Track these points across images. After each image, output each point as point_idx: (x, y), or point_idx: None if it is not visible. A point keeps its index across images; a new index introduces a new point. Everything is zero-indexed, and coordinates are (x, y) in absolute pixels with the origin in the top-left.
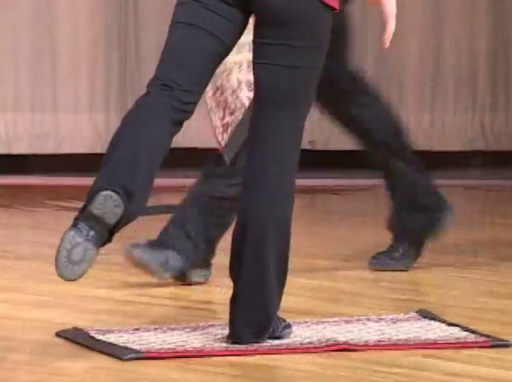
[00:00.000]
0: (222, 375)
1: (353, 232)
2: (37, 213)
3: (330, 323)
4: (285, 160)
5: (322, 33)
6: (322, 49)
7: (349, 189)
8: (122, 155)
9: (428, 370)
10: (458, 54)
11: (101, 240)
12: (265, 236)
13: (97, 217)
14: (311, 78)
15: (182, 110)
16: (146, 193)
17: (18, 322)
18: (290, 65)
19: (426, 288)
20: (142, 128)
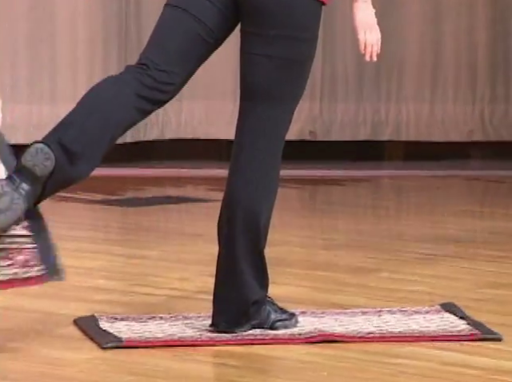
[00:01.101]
0: (222, 365)
1: (353, 222)
2: None
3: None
4: (262, 152)
5: (304, 25)
6: (303, 41)
7: (349, 179)
8: (72, 118)
9: (426, 360)
10: (458, 45)
11: (32, 193)
12: (233, 225)
13: (27, 169)
14: (291, 70)
15: (157, 89)
16: (91, 158)
17: (17, 313)
18: (264, 54)
19: (426, 278)
20: (100, 96)
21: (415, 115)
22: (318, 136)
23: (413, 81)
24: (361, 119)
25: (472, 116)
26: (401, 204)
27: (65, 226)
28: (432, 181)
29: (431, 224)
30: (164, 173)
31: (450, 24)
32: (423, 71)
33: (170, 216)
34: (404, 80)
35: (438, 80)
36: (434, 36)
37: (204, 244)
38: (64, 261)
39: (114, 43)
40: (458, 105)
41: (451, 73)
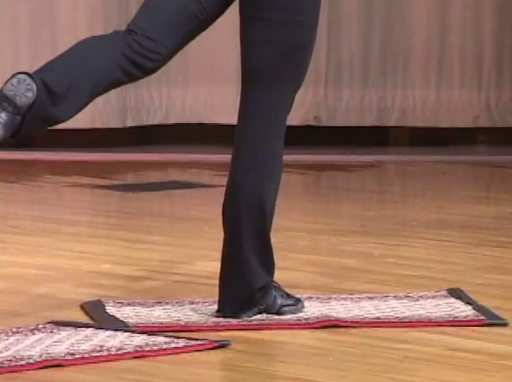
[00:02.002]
0: (228, 351)
1: (358, 208)
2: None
3: (348, 299)
4: (264, 137)
5: (304, 9)
6: (304, 25)
7: (354, 165)
8: (57, 62)
9: (432, 346)
10: (465, 31)
11: (11, 122)
12: (238, 211)
13: (8, 98)
14: (291, 55)
15: (143, 55)
16: (72, 102)
17: (22, 297)
18: (264, 38)
19: (431, 264)
20: (88, 47)
21: (421, 101)
22: (323, 121)
23: (419, 66)
24: (366, 105)
25: (478, 102)
26: (406, 189)
27: (69, 211)
28: (438, 166)
29: (437, 210)
30: (168, 158)
31: (456, 10)
32: (429, 57)
33: (175, 202)
34: (410, 66)
35: (444, 66)
36: (440, 22)
37: (209, 230)
38: (70, 246)
39: (115, 22)
40: (463, 90)
41: (457, 59)
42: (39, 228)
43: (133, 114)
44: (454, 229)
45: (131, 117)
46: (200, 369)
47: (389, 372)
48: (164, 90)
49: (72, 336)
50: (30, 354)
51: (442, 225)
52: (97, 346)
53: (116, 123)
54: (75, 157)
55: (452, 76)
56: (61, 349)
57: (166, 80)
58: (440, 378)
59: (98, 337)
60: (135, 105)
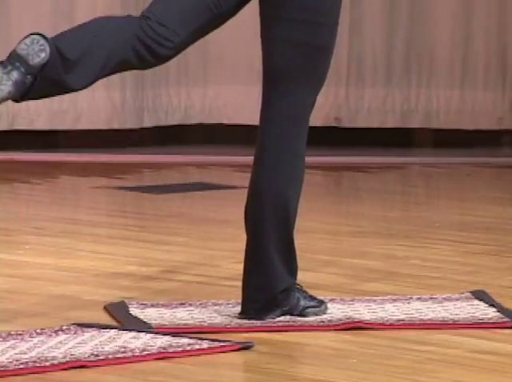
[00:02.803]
0: (251, 352)
1: (380, 209)
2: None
3: (371, 301)
4: (286, 138)
5: (325, 9)
6: (325, 25)
7: (376, 166)
8: (72, 32)
9: (456, 348)
10: (489, 32)
11: (22, 81)
12: (262, 212)
13: (21, 57)
14: (312, 55)
15: (155, 40)
16: (82, 73)
17: (45, 298)
18: (285, 38)
19: (455, 265)
20: (103, 23)
21: (445, 102)
22: (344, 122)
23: (443, 67)
24: (389, 106)
25: (502, 103)
26: (430, 191)
27: (89, 212)
28: (462, 168)
29: (461, 211)
30: (187, 159)
31: (481, 11)
32: (454, 57)
33: (195, 203)
34: (434, 67)
35: (469, 67)
36: (465, 22)
37: (232, 231)
38: (93, 248)
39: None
40: (488, 92)
41: (481, 60)
42: (61, 230)
43: (150, 115)
44: (477, 231)
45: (148, 117)
46: (223, 371)
47: (411, 374)
48: (183, 90)
49: (96, 338)
50: (53, 355)
51: (465, 227)
52: (120, 347)
53: (133, 124)
54: (93, 158)
55: (476, 77)
56: (84, 350)
57: (185, 80)
58: (463, 380)
59: (122, 338)
60: (153, 106)
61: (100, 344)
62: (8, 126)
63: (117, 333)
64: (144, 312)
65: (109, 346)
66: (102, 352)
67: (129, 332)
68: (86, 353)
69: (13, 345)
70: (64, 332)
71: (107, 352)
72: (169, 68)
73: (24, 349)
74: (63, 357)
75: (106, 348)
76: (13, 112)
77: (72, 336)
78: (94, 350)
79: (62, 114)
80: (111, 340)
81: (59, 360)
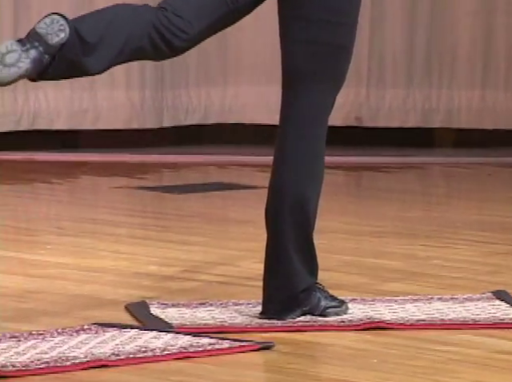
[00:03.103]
0: (272, 352)
1: (400, 209)
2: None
3: (392, 301)
4: (306, 139)
5: (344, 9)
6: (344, 25)
7: (397, 166)
8: (90, 16)
9: (477, 348)
10: (510, 32)
11: (39, 59)
12: (281, 212)
13: (40, 36)
14: (331, 55)
15: (171, 30)
16: (101, 56)
17: (66, 298)
18: (304, 38)
19: (476, 265)
20: (121, 8)
21: (466, 102)
22: (365, 122)
23: (464, 68)
24: (410, 105)
25: None
26: (451, 191)
27: (109, 212)
28: (483, 168)
29: (481, 212)
30: (207, 159)
31: (502, 11)
32: (475, 58)
33: (215, 203)
34: (456, 67)
35: (490, 66)
36: (486, 22)
37: (253, 231)
38: (114, 248)
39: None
40: (509, 91)
41: (503, 60)
42: (82, 230)
43: (170, 115)
44: (498, 231)
45: (168, 117)
46: (244, 371)
47: (433, 374)
48: (203, 90)
49: (117, 337)
50: (74, 355)
51: (486, 227)
52: (141, 347)
53: (152, 124)
54: (114, 157)
55: (497, 77)
56: (105, 350)
57: (204, 79)
58: (484, 380)
59: (143, 338)
60: (172, 106)
61: (121, 344)
62: (28, 126)
63: (138, 333)
64: (165, 312)
65: (130, 346)
66: (123, 351)
67: (150, 331)
68: (107, 353)
69: (34, 345)
70: (85, 332)
71: (128, 352)
72: (188, 68)
73: (45, 349)
74: (84, 357)
75: (126, 348)
76: (33, 112)
77: (93, 335)
78: (114, 350)
79: (82, 114)
80: (132, 340)
81: (80, 359)
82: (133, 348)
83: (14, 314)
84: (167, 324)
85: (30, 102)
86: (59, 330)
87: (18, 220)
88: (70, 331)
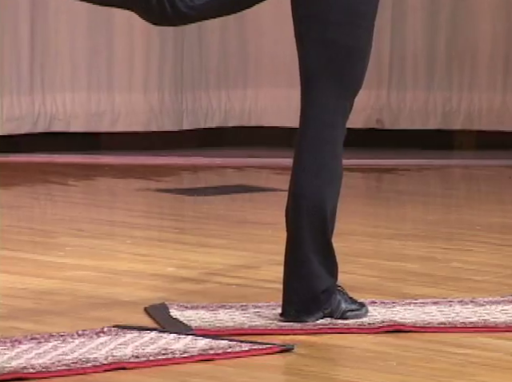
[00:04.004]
0: (291, 354)
1: (420, 212)
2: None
3: (412, 304)
4: (323, 141)
5: (362, 11)
6: (361, 27)
7: (417, 168)
8: None
9: (496, 351)
10: None
11: None
12: (299, 213)
13: None
14: (348, 56)
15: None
16: None
17: (85, 300)
18: (321, 39)
19: (496, 268)
20: None
21: (487, 104)
22: (386, 124)
23: (485, 70)
24: (431, 107)
25: None
26: (471, 193)
27: (127, 214)
28: (503, 170)
29: (502, 214)
30: (227, 162)
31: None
32: (495, 60)
33: (235, 205)
34: (476, 69)
35: (511, 69)
36: (506, 25)
37: (271, 233)
38: (132, 249)
39: (170, 33)
40: None
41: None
42: (100, 232)
43: (189, 117)
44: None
45: (188, 120)
46: (263, 373)
47: (451, 377)
48: (223, 93)
49: (136, 339)
50: (95, 357)
51: (506, 229)
52: (161, 349)
53: (172, 126)
54: (132, 160)
55: None
56: (126, 352)
57: (224, 82)
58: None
59: (163, 340)
60: (192, 108)
61: (141, 346)
62: (46, 128)
63: (157, 335)
64: (184, 314)
65: (150, 348)
66: (143, 353)
67: (169, 334)
68: (127, 355)
69: (55, 346)
70: (105, 334)
71: (148, 354)
72: (208, 71)
73: (66, 350)
74: (105, 358)
75: (147, 350)
76: (50, 114)
77: (113, 337)
78: (134, 352)
79: (100, 116)
80: (152, 342)
81: (101, 361)
82: (153, 350)
83: (33, 316)
84: (187, 326)
85: (46, 105)
86: (79, 332)
87: (35, 221)
88: (91, 333)
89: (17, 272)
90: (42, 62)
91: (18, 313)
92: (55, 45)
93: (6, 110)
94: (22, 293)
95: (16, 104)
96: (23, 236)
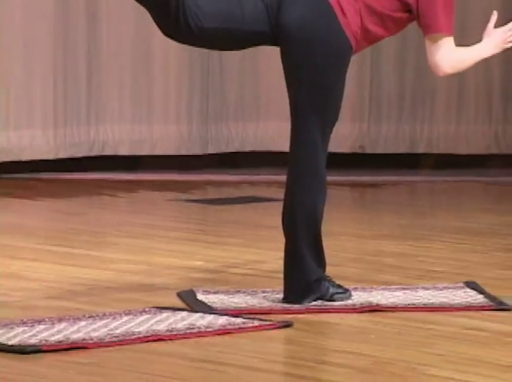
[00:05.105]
0: (291, 329)
1: (395, 217)
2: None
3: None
4: (301, 161)
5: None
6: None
7: (391, 184)
8: None
9: (453, 326)
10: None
11: None
12: (294, 218)
13: None
14: (329, 94)
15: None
16: None
17: (130, 287)
18: (307, 80)
19: (452, 262)
20: None
21: (444, 132)
22: (367, 149)
23: (442, 105)
24: (400, 136)
25: (488, 133)
26: (433, 203)
27: (162, 219)
28: (457, 185)
29: (457, 219)
30: (243, 178)
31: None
32: (450, 98)
33: (248, 212)
34: (435, 105)
35: (462, 104)
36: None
37: (277, 234)
38: (166, 247)
39: (197, 78)
40: (477, 124)
41: (472, 98)
42: (142, 233)
43: (213, 144)
44: (470, 234)
45: (211, 145)
46: (269, 343)
47: (419, 346)
48: (240, 124)
49: (170, 317)
50: (138, 330)
51: (460, 231)
52: (189, 325)
53: (199, 151)
54: (167, 177)
55: (468, 112)
56: (162, 327)
57: (241, 115)
58: (458, 351)
59: (191, 318)
60: (215, 137)
61: (174, 322)
62: (99, 152)
63: (187, 314)
64: (208, 298)
65: (180, 324)
66: (176, 328)
67: (196, 313)
68: (163, 329)
69: (105, 323)
70: (146, 313)
71: (179, 329)
72: (228, 106)
73: (115, 326)
74: (146, 332)
75: (178, 326)
76: (102, 141)
77: (152, 316)
78: (169, 327)
79: (141, 143)
80: (182, 319)
81: (143, 334)
82: (183, 325)
83: (89, 299)
84: (210, 307)
85: (99, 134)
86: (126, 311)
87: (90, 225)
88: (135, 312)
89: (76, 264)
90: (96, 99)
91: (78, 297)
92: (106, 84)
93: (68, 138)
94: (81, 281)
95: (76, 133)
96: (82, 237)
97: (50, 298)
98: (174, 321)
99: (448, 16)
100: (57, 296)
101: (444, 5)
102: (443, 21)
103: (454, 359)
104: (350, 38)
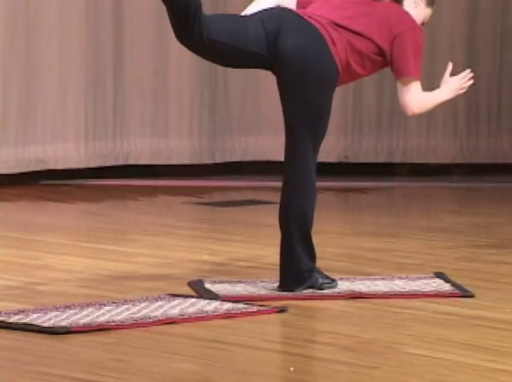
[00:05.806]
0: (286, 313)
1: (374, 217)
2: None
3: (366, 279)
4: (292, 169)
5: (327, 80)
6: (327, 91)
7: (371, 189)
8: None
9: (424, 310)
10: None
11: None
12: (288, 218)
13: None
14: (319, 112)
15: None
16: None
17: (146, 277)
18: (300, 100)
19: (424, 255)
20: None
21: (417, 145)
22: (350, 159)
23: (414, 121)
24: (379, 147)
25: (454, 145)
26: (407, 206)
27: (176, 219)
28: (428, 190)
29: (428, 219)
30: (245, 184)
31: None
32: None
33: (250, 214)
34: (408, 121)
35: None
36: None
37: (275, 232)
38: (179, 243)
39: (207, 97)
40: (445, 138)
41: (440, 116)
42: (158, 231)
43: (220, 154)
44: (439, 232)
45: (218, 155)
46: (266, 326)
47: (394, 327)
48: (242, 137)
49: (182, 303)
50: (154, 314)
51: (431, 230)
52: (199, 310)
53: (208, 160)
54: (181, 183)
55: (437, 127)
56: (175, 312)
57: (243, 130)
58: (429, 332)
59: (200, 304)
60: (222, 148)
61: (185, 308)
62: (123, 162)
63: (196, 300)
64: (214, 287)
65: (191, 309)
66: (187, 313)
67: (204, 300)
68: (176, 314)
69: (127, 308)
70: (161, 300)
71: (190, 313)
72: (232, 123)
73: (135, 310)
74: (161, 316)
75: (189, 310)
76: (126, 152)
77: (166, 302)
78: (181, 312)
79: (159, 154)
80: (192, 305)
81: (158, 318)
82: (193, 310)
83: (112, 287)
84: (216, 294)
85: (123, 146)
86: (144, 298)
87: (115, 224)
88: (151, 298)
89: (102, 258)
90: (121, 117)
91: (103, 286)
92: (129, 104)
93: (96, 150)
94: (106, 272)
95: (104, 146)
96: (107, 234)
97: (79, 286)
98: (186, 307)
99: (417, 63)
100: (85, 285)
101: (414, 53)
102: (413, 67)
103: (427, 339)
104: (337, 64)
